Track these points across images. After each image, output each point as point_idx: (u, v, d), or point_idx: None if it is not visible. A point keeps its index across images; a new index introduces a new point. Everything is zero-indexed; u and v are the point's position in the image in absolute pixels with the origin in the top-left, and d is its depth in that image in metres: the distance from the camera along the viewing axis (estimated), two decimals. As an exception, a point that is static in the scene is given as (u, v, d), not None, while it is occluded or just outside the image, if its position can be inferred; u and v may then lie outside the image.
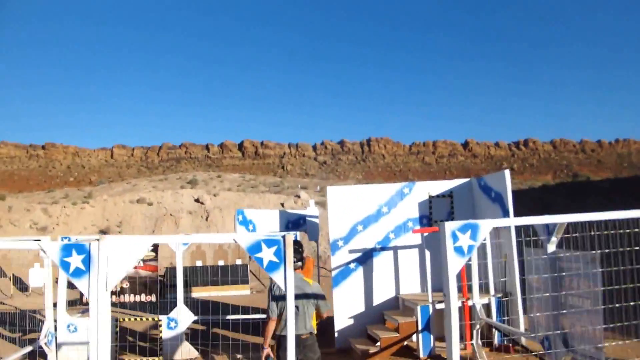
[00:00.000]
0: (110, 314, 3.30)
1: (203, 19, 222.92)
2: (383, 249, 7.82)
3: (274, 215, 8.94)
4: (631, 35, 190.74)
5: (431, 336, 6.57)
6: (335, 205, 7.89)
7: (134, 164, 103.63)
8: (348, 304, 7.65)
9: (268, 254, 3.14)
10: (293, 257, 5.20)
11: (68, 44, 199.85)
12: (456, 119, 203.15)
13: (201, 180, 31.75)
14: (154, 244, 7.63)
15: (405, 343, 6.82)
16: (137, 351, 7.74)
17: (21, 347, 6.29)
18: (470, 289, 6.37)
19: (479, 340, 6.31)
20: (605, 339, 4.33)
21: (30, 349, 5.91)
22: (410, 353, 6.75)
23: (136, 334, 9.02)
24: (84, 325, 6.89)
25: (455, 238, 3.73)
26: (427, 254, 7.07)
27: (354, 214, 7.85)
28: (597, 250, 4.37)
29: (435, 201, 8.03)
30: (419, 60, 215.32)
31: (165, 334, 7.40)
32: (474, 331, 6.30)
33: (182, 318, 7.46)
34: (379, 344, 6.76)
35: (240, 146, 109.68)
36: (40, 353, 5.96)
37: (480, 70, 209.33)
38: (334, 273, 7.76)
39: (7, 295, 16.21)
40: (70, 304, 8.26)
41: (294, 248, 5.48)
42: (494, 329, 6.67)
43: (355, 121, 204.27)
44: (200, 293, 14.86)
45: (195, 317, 7.62)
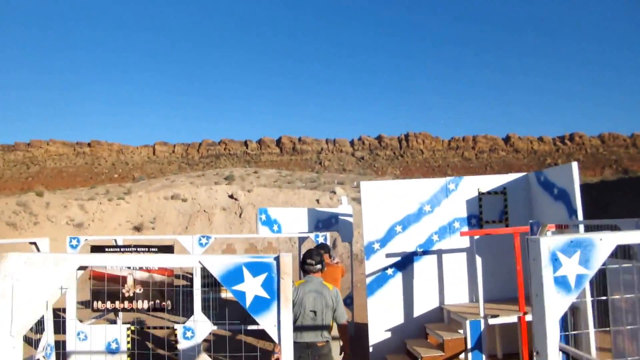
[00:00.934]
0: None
1: (249, 11, 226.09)
2: (425, 252, 6.90)
3: (302, 214, 8.06)
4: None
5: (483, 356, 5.68)
6: (370, 203, 6.98)
7: (175, 161, 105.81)
8: (384, 315, 6.79)
9: (253, 286, 1.87)
10: (312, 260, 4.54)
11: (111, 47, 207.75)
12: (497, 113, 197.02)
13: (238, 176, 31.43)
14: (165, 246, 6.98)
15: (451, 363, 5.93)
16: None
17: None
18: (528, 300, 5.36)
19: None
20: None
21: None
22: (457, 375, 5.86)
23: (156, 340, 8.47)
24: (95, 333, 6.35)
25: (556, 264, 2.12)
26: (478, 260, 6.08)
27: (391, 212, 6.94)
28: None
29: (486, 199, 7.01)
30: (459, 55, 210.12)
31: (182, 344, 6.75)
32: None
33: (199, 327, 6.78)
34: (420, 364, 5.89)
35: (278, 142, 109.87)
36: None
37: (524, 65, 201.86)
38: (368, 280, 6.88)
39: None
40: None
41: (315, 251, 4.77)
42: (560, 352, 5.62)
43: (393, 116, 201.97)
44: (228, 294, 14.26)
45: (214, 327, 6.92)
